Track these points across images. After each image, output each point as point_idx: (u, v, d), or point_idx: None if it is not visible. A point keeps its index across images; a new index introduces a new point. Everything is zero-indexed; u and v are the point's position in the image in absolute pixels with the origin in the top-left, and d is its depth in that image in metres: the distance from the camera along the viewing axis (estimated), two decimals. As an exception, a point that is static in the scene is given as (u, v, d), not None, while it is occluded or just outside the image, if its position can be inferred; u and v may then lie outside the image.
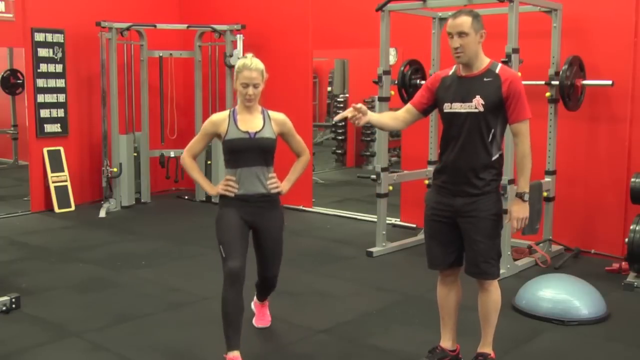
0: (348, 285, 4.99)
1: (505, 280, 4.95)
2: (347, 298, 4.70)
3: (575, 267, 5.33)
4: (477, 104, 3.19)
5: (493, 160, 3.25)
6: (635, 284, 4.80)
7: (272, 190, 3.63)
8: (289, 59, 7.60)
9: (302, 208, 7.53)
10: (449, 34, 3.20)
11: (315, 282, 5.06)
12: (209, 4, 8.36)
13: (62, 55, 7.51)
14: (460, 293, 3.50)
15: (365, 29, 6.68)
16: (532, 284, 4.47)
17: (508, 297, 4.44)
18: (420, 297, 4.63)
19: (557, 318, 4.17)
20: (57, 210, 7.41)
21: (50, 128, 7.53)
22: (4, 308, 4.28)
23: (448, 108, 3.27)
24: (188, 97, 8.39)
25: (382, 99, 5.81)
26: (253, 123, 3.58)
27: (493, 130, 3.22)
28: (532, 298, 4.34)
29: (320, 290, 4.86)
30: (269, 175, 3.62)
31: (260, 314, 4.09)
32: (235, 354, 3.43)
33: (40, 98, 7.41)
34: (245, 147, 3.56)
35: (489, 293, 3.34)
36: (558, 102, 5.51)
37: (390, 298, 4.70)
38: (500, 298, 3.39)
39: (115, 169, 7.60)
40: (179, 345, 3.85)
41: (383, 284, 5.01)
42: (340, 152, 11.06)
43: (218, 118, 3.64)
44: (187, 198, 8.20)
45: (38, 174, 7.49)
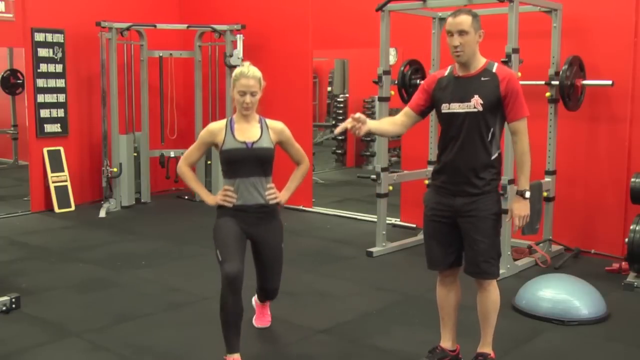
0: (348, 285, 4.99)
1: (505, 280, 4.95)
2: (347, 298, 4.70)
3: (575, 267, 5.33)
4: (475, 104, 3.19)
5: (492, 160, 3.25)
6: (635, 284, 4.80)
7: (270, 201, 3.59)
8: (289, 59, 7.60)
9: (302, 208, 7.53)
10: (449, 32, 3.20)
11: (315, 282, 5.06)
12: (209, 4, 8.36)
13: (62, 55, 7.51)
14: (460, 293, 3.50)
15: (365, 29, 6.68)
16: (532, 284, 4.47)
17: (508, 297, 4.45)
18: (420, 297, 4.63)
19: (557, 318, 4.17)
20: (57, 210, 7.42)
21: (50, 128, 7.53)
22: (4, 308, 4.28)
23: (446, 108, 3.26)
24: (188, 97, 8.39)
25: (382, 99, 5.82)
26: (250, 132, 3.54)
27: (492, 129, 3.23)
28: (532, 298, 4.33)
29: (320, 290, 4.86)
30: (268, 186, 3.58)
31: (261, 314, 4.08)
32: (236, 357, 3.42)
33: (40, 98, 7.41)
34: (243, 157, 3.52)
35: (488, 293, 3.34)
36: (558, 102, 5.51)
37: (390, 298, 4.70)
38: (499, 298, 3.39)
39: (115, 169, 7.60)
40: (179, 345, 3.85)
41: (383, 284, 5.01)
42: (340, 152, 11.07)
43: (215, 127, 3.60)
44: (187, 198, 8.19)
45: (38, 174, 7.49)
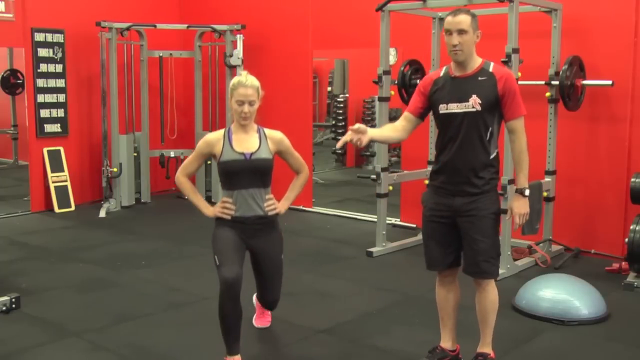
0: (348, 285, 4.99)
1: (505, 280, 4.95)
2: (347, 298, 4.70)
3: (575, 267, 5.33)
4: (474, 103, 3.19)
5: (491, 159, 3.26)
6: (635, 284, 4.80)
7: (269, 213, 3.56)
8: (289, 59, 7.60)
9: (302, 208, 7.52)
10: (447, 31, 3.20)
11: (315, 282, 5.06)
12: (209, 4, 8.36)
13: (62, 55, 7.51)
14: (459, 293, 3.50)
15: (365, 29, 6.68)
16: (532, 284, 4.47)
17: (508, 297, 4.45)
18: (420, 297, 4.63)
19: (557, 318, 4.17)
20: (57, 210, 7.41)
21: (50, 128, 7.53)
22: (4, 308, 4.28)
23: (444, 109, 3.26)
24: (188, 97, 8.39)
25: (382, 99, 5.82)
26: (249, 143, 3.50)
27: (490, 129, 3.23)
28: (532, 298, 4.33)
29: (320, 290, 4.86)
30: (267, 197, 3.56)
31: (261, 314, 4.08)
32: (236, 358, 3.42)
33: (40, 98, 7.41)
34: (241, 169, 3.48)
35: (487, 293, 3.34)
36: (558, 102, 5.51)
37: (390, 298, 4.70)
38: (498, 298, 3.39)
39: (115, 169, 7.60)
40: (179, 345, 3.85)
41: (383, 284, 5.01)
42: (340, 152, 11.06)
43: (213, 138, 3.56)
44: (187, 198, 8.14)
45: (38, 174, 7.49)
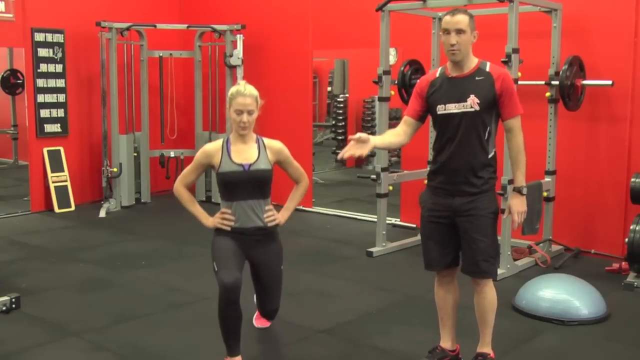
0: (348, 285, 4.99)
1: (505, 280, 4.96)
2: (347, 298, 4.70)
3: (575, 267, 5.33)
4: (472, 103, 3.20)
5: (489, 158, 3.27)
6: (635, 284, 4.80)
7: (269, 224, 3.55)
8: (289, 59, 7.60)
9: (302, 208, 7.52)
10: (445, 31, 3.20)
11: (315, 282, 5.06)
12: (209, 4, 8.36)
13: (62, 55, 7.51)
14: (458, 293, 3.50)
15: (365, 29, 6.68)
16: (532, 284, 4.47)
17: (508, 297, 4.45)
18: (420, 297, 4.63)
19: (557, 318, 4.17)
20: (57, 210, 7.41)
21: (50, 128, 7.53)
22: (4, 308, 4.28)
23: (442, 110, 3.26)
24: (188, 97, 8.39)
25: (382, 99, 5.82)
26: (247, 154, 3.48)
27: (489, 128, 3.24)
28: (532, 298, 4.33)
29: (320, 290, 4.86)
30: (266, 208, 3.54)
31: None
32: (237, 359, 3.42)
33: (40, 98, 7.41)
34: (240, 180, 3.45)
35: (485, 294, 3.34)
36: (558, 102, 5.50)
37: (390, 298, 4.70)
38: (496, 298, 3.39)
39: (115, 169, 7.60)
40: (179, 345, 3.85)
41: (383, 284, 5.01)
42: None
43: (211, 148, 3.53)
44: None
45: (38, 174, 7.49)
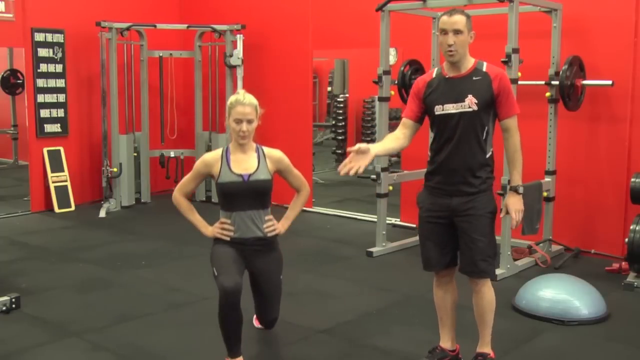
0: (348, 285, 4.99)
1: (505, 280, 4.96)
2: (347, 298, 4.70)
3: (575, 267, 5.33)
4: (470, 103, 3.20)
5: (487, 158, 3.28)
6: (635, 284, 4.80)
7: (268, 234, 3.55)
8: (289, 59, 7.60)
9: (302, 208, 7.50)
10: (443, 31, 3.19)
11: (315, 282, 5.06)
12: (209, 4, 8.36)
13: (62, 55, 7.51)
14: (457, 293, 3.50)
15: (365, 29, 6.68)
16: (532, 284, 4.47)
17: (508, 297, 4.45)
18: (420, 297, 4.62)
19: (557, 318, 4.17)
20: (57, 210, 7.41)
21: (50, 128, 7.53)
22: (4, 308, 4.28)
23: (440, 110, 3.27)
24: (188, 97, 8.39)
25: (382, 99, 5.82)
26: (247, 164, 3.47)
27: (487, 128, 3.25)
28: (532, 298, 4.33)
29: (320, 290, 4.86)
30: (266, 218, 3.54)
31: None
32: None
33: (40, 98, 7.41)
34: (239, 190, 3.45)
35: (483, 294, 3.34)
36: (558, 102, 5.50)
37: (390, 298, 4.70)
38: (494, 297, 3.38)
39: (115, 169, 7.60)
40: (179, 345, 3.85)
41: (383, 284, 5.01)
42: (340, 152, 11.03)
43: (210, 158, 3.52)
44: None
45: (38, 174, 7.49)
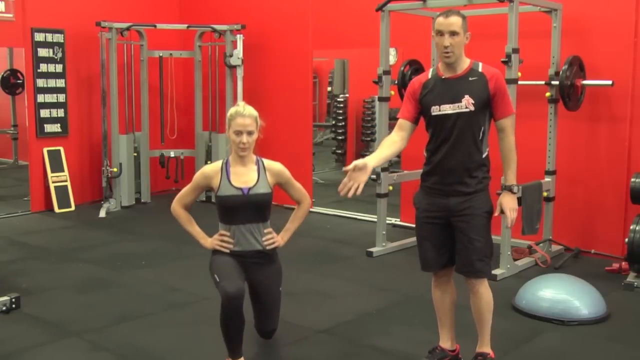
0: (348, 285, 4.99)
1: (505, 280, 4.96)
2: (347, 298, 4.70)
3: (575, 267, 5.33)
4: (467, 104, 3.20)
5: (484, 158, 3.29)
6: (635, 284, 4.80)
7: (268, 247, 3.53)
8: (289, 59, 7.60)
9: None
10: (439, 32, 3.19)
11: (315, 282, 5.06)
12: (209, 4, 8.36)
13: (62, 55, 7.51)
14: (455, 293, 3.50)
15: (365, 29, 6.68)
16: (532, 284, 4.47)
17: (508, 297, 4.46)
18: (420, 297, 4.62)
19: (557, 318, 4.17)
20: (57, 210, 7.41)
21: (50, 128, 7.53)
22: (4, 308, 4.28)
23: (437, 111, 3.27)
24: (188, 97, 8.39)
25: (382, 99, 5.82)
26: (247, 177, 3.45)
27: (483, 128, 3.26)
28: (532, 298, 4.33)
29: (320, 290, 4.86)
30: (265, 231, 3.53)
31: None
32: None
33: (40, 98, 7.41)
34: (239, 204, 3.43)
35: (481, 294, 3.34)
36: (558, 102, 5.50)
37: (390, 298, 4.70)
38: (492, 297, 3.38)
39: (115, 169, 7.60)
40: (179, 345, 3.85)
41: (383, 284, 5.01)
42: (340, 152, 11.04)
43: (210, 170, 3.50)
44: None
45: (38, 174, 7.49)
